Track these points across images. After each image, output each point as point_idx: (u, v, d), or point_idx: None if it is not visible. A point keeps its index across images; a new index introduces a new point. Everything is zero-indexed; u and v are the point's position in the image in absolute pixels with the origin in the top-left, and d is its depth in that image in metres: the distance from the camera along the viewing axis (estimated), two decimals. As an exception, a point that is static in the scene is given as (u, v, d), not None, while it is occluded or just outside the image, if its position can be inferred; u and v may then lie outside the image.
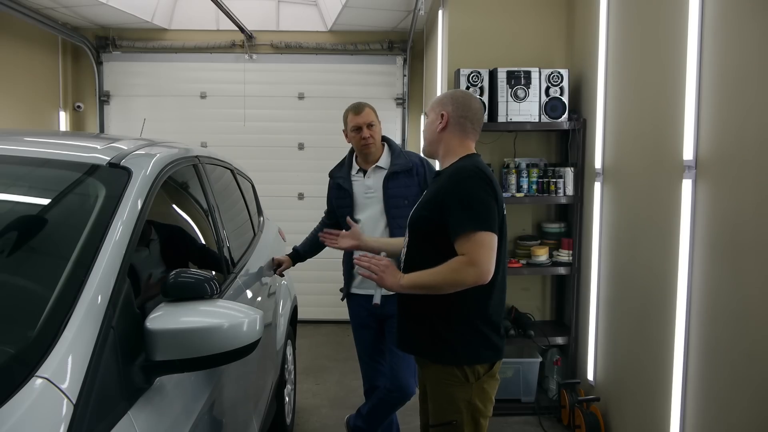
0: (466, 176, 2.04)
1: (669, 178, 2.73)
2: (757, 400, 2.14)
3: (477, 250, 1.96)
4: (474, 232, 1.97)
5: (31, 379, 1.16)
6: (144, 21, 5.59)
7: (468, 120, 2.18)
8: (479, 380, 2.08)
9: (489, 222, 1.99)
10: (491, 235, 1.99)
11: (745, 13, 2.24)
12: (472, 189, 2.01)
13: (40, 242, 1.57)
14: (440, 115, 2.19)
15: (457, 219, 1.99)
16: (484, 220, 1.98)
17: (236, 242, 2.66)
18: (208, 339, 1.46)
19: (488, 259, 1.97)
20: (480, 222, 1.98)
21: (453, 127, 2.17)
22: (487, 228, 1.98)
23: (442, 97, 2.24)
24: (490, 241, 1.98)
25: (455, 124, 2.17)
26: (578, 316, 3.89)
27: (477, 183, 2.02)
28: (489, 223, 1.99)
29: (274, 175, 5.91)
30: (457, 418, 2.07)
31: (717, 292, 2.39)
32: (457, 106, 2.18)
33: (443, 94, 2.27)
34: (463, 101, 2.19)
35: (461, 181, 2.03)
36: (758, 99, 2.14)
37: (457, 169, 2.09)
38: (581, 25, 3.92)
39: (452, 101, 2.19)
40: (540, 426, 3.73)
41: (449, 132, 2.17)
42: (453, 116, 2.17)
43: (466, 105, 2.19)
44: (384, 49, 5.94)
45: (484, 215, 1.99)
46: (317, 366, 4.86)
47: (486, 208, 2.00)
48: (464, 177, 2.04)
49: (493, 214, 2.01)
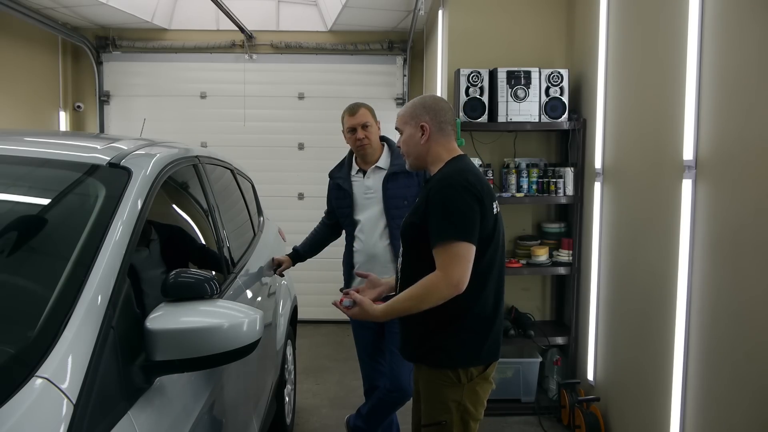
0: (447, 184, 2.04)
1: (669, 178, 2.73)
2: (758, 401, 2.14)
3: (450, 261, 1.97)
4: (450, 242, 1.97)
5: (31, 379, 1.16)
6: (144, 21, 5.59)
7: (445, 123, 2.18)
8: (471, 382, 2.08)
9: (466, 232, 1.98)
10: (467, 246, 1.98)
11: (745, 13, 2.24)
12: (452, 198, 2.00)
13: (40, 242, 1.57)
14: (420, 127, 2.16)
15: (435, 228, 2.00)
16: (461, 230, 1.98)
17: (236, 242, 2.66)
18: (208, 339, 1.46)
19: (462, 270, 1.97)
20: (456, 232, 1.97)
21: (435, 135, 2.16)
22: (463, 238, 1.98)
23: (412, 109, 2.19)
24: (466, 251, 1.98)
25: (437, 132, 2.16)
26: (578, 316, 3.89)
27: (457, 191, 2.01)
28: (466, 233, 1.98)
29: (274, 175, 5.91)
30: (447, 419, 2.07)
31: (717, 292, 2.39)
32: (432, 113, 2.16)
33: (410, 105, 2.22)
34: (434, 106, 2.18)
35: (442, 189, 2.03)
36: (758, 99, 2.14)
37: (442, 176, 2.10)
38: (581, 25, 3.92)
39: (425, 110, 2.17)
40: (540, 426, 3.73)
41: (433, 140, 2.17)
42: (433, 124, 2.16)
43: (439, 109, 2.18)
44: (384, 49, 5.94)
45: (461, 225, 1.98)
46: (317, 366, 4.86)
47: (464, 218, 1.99)
48: (445, 185, 2.04)
49: (472, 223, 2.00)
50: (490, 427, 3.66)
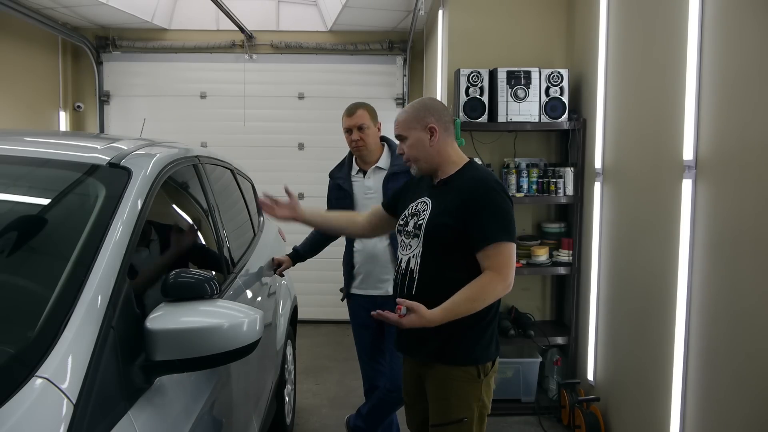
0: (492, 188, 2.10)
1: (669, 178, 2.73)
2: (758, 401, 2.14)
3: (505, 262, 2.05)
4: (503, 243, 2.05)
5: (31, 379, 1.16)
6: (144, 21, 5.59)
7: (449, 122, 2.21)
8: (487, 376, 2.13)
9: (514, 234, 2.09)
10: (514, 247, 2.09)
11: (745, 13, 2.24)
12: (499, 202, 2.09)
13: (40, 242, 1.57)
14: (428, 129, 2.15)
15: (486, 230, 2.05)
16: (512, 232, 2.08)
17: (236, 242, 2.66)
18: (208, 339, 1.46)
19: (513, 270, 2.07)
20: (508, 234, 2.07)
21: (443, 135, 2.18)
22: (513, 239, 2.08)
23: (414, 113, 2.17)
24: (514, 252, 2.09)
25: (444, 132, 2.19)
26: (578, 316, 3.89)
27: (501, 195, 2.10)
28: (514, 235, 2.09)
29: (274, 175, 5.88)
30: (468, 416, 2.10)
31: (717, 292, 2.39)
32: (436, 114, 2.18)
33: (411, 109, 2.20)
34: (436, 107, 2.21)
35: (488, 193, 2.09)
36: (759, 99, 2.14)
37: (479, 180, 2.13)
38: (581, 25, 3.92)
39: (429, 112, 2.17)
40: (540, 426, 3.73)
41: (441, 141, 2.18)
42: (439, 125, 2.17)
43: (441, 109, 2.22)
44: (384, 49, 5.94)
45: (511, 227, 2.09)
46: (317, 366, 4.86)
47: (511, 221, 2.10)
48: (490, 189, 2.10)
49: (514, 225, 2.11)
50: (490, 427, 3.61)
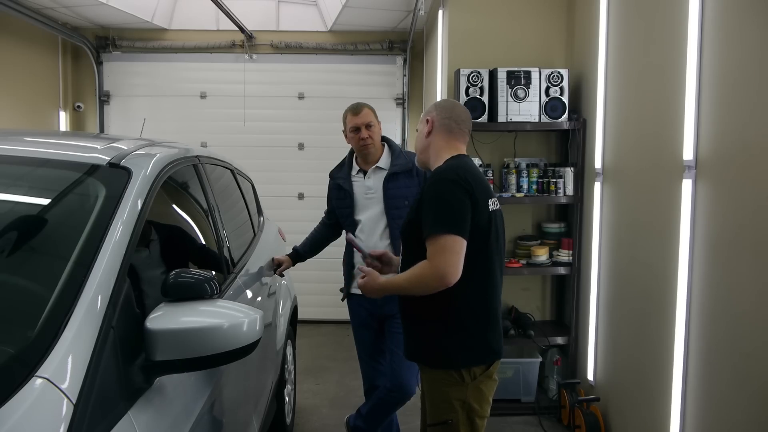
0: (439, 179, 2.07)
1: (669, 178, 2.73)
2: (757, 401, 2.14)
3: (437, 252, 1.98)
4: (438, 235, 1.98)
5: (31, 379, 1.16)
6: (144, 21, 5.59)
7: (452, 120, 2.22)
8: (475, 381, 2.09)
9: (454, 225, 1.98)
10: (455, 239, 1.97)
11: (745, 13, 2.24)
12: (441, 191, 2.02)
13: (40, 242, 1.57)
14: (425, 121, 2.26)
15: (425, 220, 2.03)
16: (450, 223, 1.98)
17: (236, 242, 2.66)
18: (208, 339, 1.46)
19: (451, 262, 1.96)
20: (445, 225, 1.98)
21: (438, 129, 2.22)
22: (452, 231, 1.98)
23: (428, 108, 2.32)
24: (453, 244, 1.97)
25: (440, 126, 2.21)
26: (578, 316, 3.89)
27: (447, 185, 2.02)
28: (456, 226, 1.98)
29: (274, 175, 5.91)
30: (453, 418, 2.08)
31: (717, 292, 2.39)
32: (442, 111, 2.24)
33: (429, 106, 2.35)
34: (447, 105, 2.28)
35: (434, 184, 2.07)
36: (759, 99, 2.14)
37: (436, 172, 2.13)
38: (581, 25, 3.92)
39: (436, 108, 2.27)
40: (540, 426, 3.73)
41: (435, 134, 2.22)
42: (438, 119, 2.22)
43: (451, 108, 2.26)
44: (384, 49, 5.94)
45: (449, 218, 1.99)
46: (317, 366, 4.86)
47: (452, 211, 1.99)
48: (437, 180, 2.07)
49: (461, 217, 2.00)
50: (490, 427, 3.61)
